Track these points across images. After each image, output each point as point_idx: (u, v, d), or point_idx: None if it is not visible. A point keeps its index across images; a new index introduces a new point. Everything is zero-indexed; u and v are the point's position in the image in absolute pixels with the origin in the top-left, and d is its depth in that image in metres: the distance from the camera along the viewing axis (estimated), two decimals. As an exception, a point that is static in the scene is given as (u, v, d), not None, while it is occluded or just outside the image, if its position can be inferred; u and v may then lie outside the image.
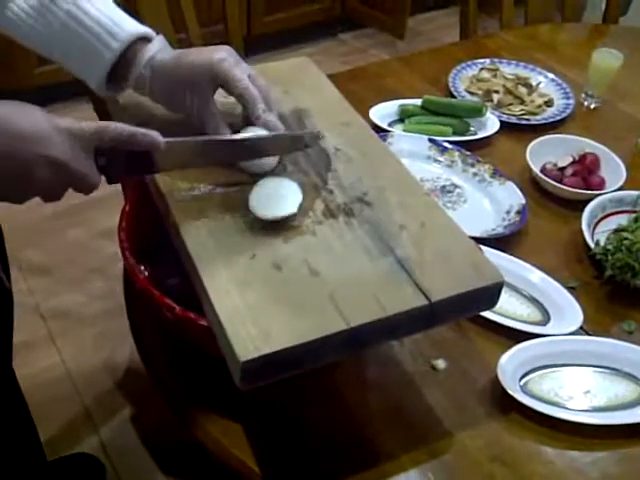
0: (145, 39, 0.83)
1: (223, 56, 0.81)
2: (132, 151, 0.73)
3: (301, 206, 0.78)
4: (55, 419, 1.66)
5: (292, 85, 0.98)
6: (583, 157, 1.23)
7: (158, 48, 0.83)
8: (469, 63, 1.53)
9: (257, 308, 0.68)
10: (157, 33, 0.85)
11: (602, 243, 1.06)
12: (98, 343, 1.87)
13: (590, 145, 1.26)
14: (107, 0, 0.82)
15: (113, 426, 1.70)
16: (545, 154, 1.25)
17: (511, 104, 1.41)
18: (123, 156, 0.73)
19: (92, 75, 0.83)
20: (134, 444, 1.67)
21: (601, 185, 1.21)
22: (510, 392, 0.85)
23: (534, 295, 1.00)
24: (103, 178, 0.73)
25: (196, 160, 0.79)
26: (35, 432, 1.30)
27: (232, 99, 0.84)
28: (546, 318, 0.98)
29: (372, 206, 0.81)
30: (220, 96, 0.84)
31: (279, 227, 0.76)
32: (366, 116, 1.28)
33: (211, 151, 0.80)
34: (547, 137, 1.28)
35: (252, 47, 2.49)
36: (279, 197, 0.78)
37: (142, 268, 0.80)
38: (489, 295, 0.75)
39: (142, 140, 0.72)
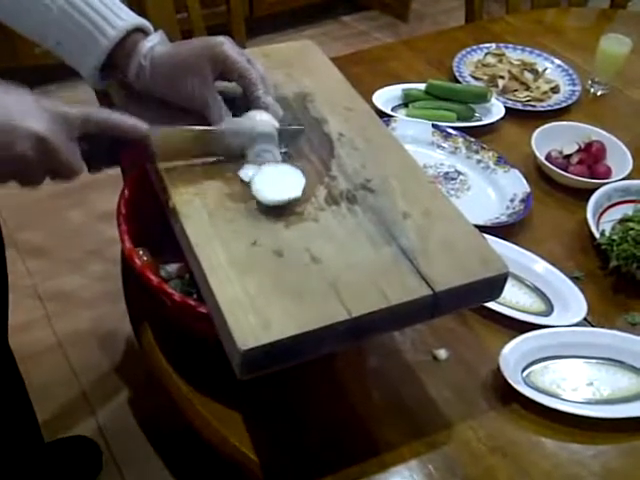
0: (142, 31, 0.83)
1: (222, 40, 0.82)
2: (116, 139, 0.72)
3: (304, 190, 0.77)
4: (52, 401, 1.66)
5: (295, 68, 0.96)
6: (589, 145, 1.22)
7: (158, 40, 0.83)
8: (474, 47, 1.51)
9: (258, 296, 0.66)
10: (155, 29, 0.85)
11: (607, 233, 1.05)
12: (96, 325, 1.87)
13: (596, 133, 1.24)
14: None
15: (110, 409, 1.70)
16: (550, 141, 1.23)
17: (517, 90, 1.39)
18: (106, 143, 0.72)
19: (86, 63, 0.83)
20: (131, 427, 1.67)
21: (607, 174, 1.19)
22: (512, 383, 0.84)
23: (538, 285, 0.99)
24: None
25: (186, 151, 0.79)
26: (33, 413, 1.29)
27: (231, 85, 0.83)
28: (549, 309, 0.96)
29: (376, 193, 0.79)
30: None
31: (281, 213, 0.75)
32: (369, 100, 1.26)
33: (202, 141, 0.79)
34: (553, 124, 1.26)
35: (254, 29, 2.46)
36: (282, 181, 0.77)
37: (140, 253, 0.79)
38: (494, 286, 0.74)
39: (127, 127, 0.72)
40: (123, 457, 1.61)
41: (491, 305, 0.93)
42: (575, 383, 0.88)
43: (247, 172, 0.78)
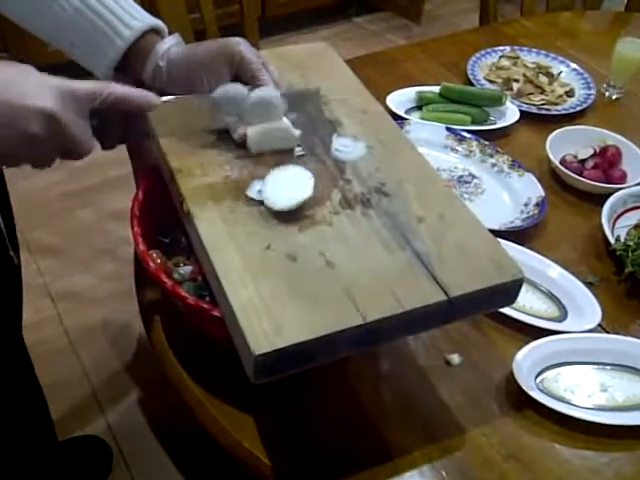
0: (156, 31, 0.83)
1: (238, 40, 0.82)
2: (127, 114, 0.71)
3: (319, 194, 0.76)
4: (62, 400, 1.66)
5: (310, 70, 0.96)
6: (604, 149, 1.21)
7: (175, 42, 0.83)
8: (489, 50, 1.50)
9: (271, 300, 0.66)
10: (169, 29, 0.85)
11: (622, 238, 1.04)
12: (107, 325, 1.87)
13: (612, 137, 1.23)
14: None
15: (120, 409, 1.71)
16: (565, 145, 1.22)
17: (531, 93, 1.38)
18: (117, 118, 0.71)
19: (100, 63, 0.82)
20: (141, 427, 1.67)
21: (622, 179, 1.18)
22: (526, 389, 0.84)
23: (552, 290, 0.98)
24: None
25: (195, 121, 0.78)
26: (47, 410, 1.29)
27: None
28: (563, 314, 0.96)
29: (390, 197, 0.79)
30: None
31: (295, 216, 0.75)
32: (383, 102, 1.25)
33: (210, 109, 0.78)
34: (567, 128, 1.26)
35: (266, 29, 2.46)
36: (291, 185, 0.77)
37: (154, 256, 0.79)
38: (509, 291, 0.74)
39: (137, 99, 0.71)
40: (133, 457, 1.62)
41: (505, 310, 0.92)
42: (589, 389, 0.87)
43: (255, 189, 0.77)
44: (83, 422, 1.66)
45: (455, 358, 0.89)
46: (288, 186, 0.76)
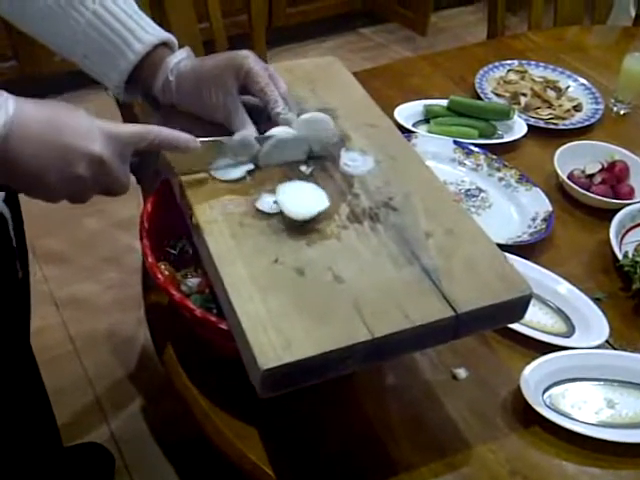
0: (168, 45, 0.84)
1: (246, 53, 0.83)
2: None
3: (327, 208, 0.76)
4: (66, 408, 1.66)
5: (319, 84, 0.96)
6: (612, 165, 1.21)
7: (184, 56, 0.84)
8: (496, 64, 1.50)
9: (279, 314, 0.66)
10: (178, 40, 0.86)
11: (630, 254, 1.04)
12: (111, 333, 1.87)
13: (620, 152, 1.23)
14: (132, 3, 0.83)
15: (123, 417, 1.70)
16: (573, 160, 1.22)
17: (539, 108, 1.38)
18: (155, 157, 0.74)
19: (112, 76, 0.84)
20: (144, 435, 1.67)
21: (630, 194, 1.18)
22: (533, 405, 0.83)
23: (559, 306, 0.98)
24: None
25: (223, 160, 0.80)
26: (52, 415, 1.29)
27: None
28: (571, 330, 0.95)
29: (398, 211, 0.79)
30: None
31: (303, 230, 0.75)
32: (390, 115, 1.25)
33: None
34: (575, 143, 1.26)
35: (273, 39, 2.47)
36: (306, 197, 0.77)
37: (162, 268, 0.79)
38: (517, 307, 0.73)
39: (180, 143, 0.74)
40: (135, 464, 1.61)
41: (512, 325, 0.92)
42: (596, 406, 0.87)
43: (265, 202, 0.77)
44: (86, 429, 1.65)
45: (462, 373, 0.89)
46: (303, 198, 0.77)
